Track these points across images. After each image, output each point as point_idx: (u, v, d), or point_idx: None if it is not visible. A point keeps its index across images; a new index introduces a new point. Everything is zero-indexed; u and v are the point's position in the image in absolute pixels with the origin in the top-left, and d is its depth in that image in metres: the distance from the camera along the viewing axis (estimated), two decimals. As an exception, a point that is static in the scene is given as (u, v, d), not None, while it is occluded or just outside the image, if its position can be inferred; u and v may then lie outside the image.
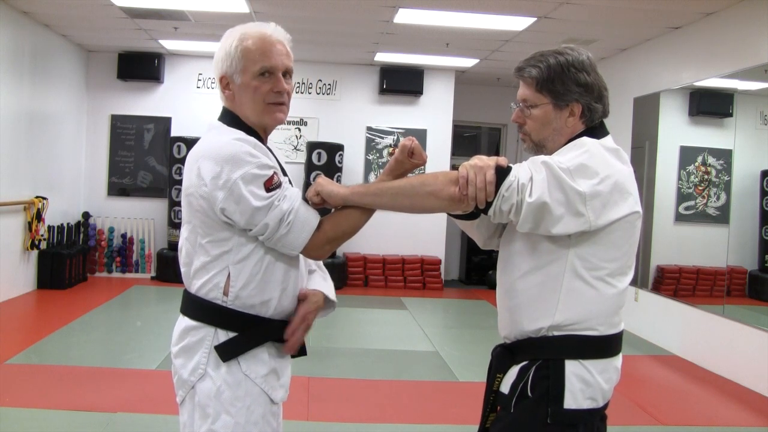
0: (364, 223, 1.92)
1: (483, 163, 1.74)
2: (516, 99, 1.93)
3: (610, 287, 1.82)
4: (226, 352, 1.83)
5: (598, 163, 1.76)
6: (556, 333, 1.81)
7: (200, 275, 1.86)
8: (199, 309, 1.87)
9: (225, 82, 1.90)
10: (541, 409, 1.78)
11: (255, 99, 1.87)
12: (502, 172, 1.73)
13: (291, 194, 1.82)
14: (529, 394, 1.80)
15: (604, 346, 1.84)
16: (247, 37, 1.87)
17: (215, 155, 1.78)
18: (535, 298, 1.82)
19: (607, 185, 1.74)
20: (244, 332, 1.85)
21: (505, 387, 1.86)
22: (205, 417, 1.83)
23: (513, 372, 1.85)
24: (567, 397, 1.77)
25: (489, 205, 1.74)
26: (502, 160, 1.76)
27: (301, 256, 1.92)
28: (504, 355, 1.91)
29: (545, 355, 1.81)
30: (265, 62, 1.85)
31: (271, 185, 1.78)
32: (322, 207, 1.91)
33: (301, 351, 1.99)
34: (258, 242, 1.83)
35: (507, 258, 1.92)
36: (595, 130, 1.89)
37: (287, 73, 1.91)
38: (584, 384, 1.79)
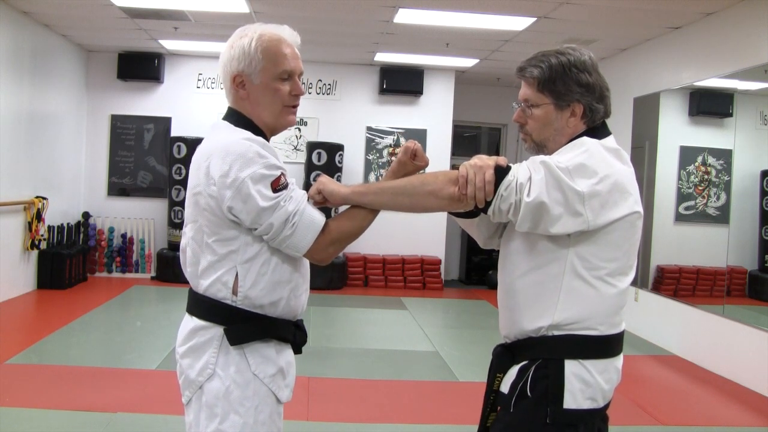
0: (368, 225, 1.92)
1: (483, 162, 1.75)
2: (517, 99, 1.93)
3: (611, 287, 1.81)
4: (236, 337, 1.83)
5: (597, 162, 1.76)
6: (555, 332, 1.80)
7: (208, 274, 1.85)
8: (207, 309, 1.86)
9: (239, 81, 1.88)
10: (541, 409, 1.78)
11: (274, 101, 1.89)
12: (501, 172, 1.74)
13: (297, 196, 1.82)
14: (529, 393, 1.80)
15: (605, 346, 1.84)
16: (267, 38, 1.87)
17: (224, 154, 1.78)
18: (535, 297, 1.82)
19: (606, 185, 1.74)
20: (254, 323, 1.86)
21: (505, 387, 1.86)
22: (213, 417, 1.82)
23: (513, 372, 1.85)
24: (566, 397, 1.77)
25: (488, 204, 1.76)
26: (502, 160, 1.77)
27: None
28: (504, 355, 1.91)
29: (545, 354, 1.81)
30: (286, 65, 1.88)
31: (278, 186, 1.79)
32: (323, 206, 1.92)
33: (298, 349, 2.01)
34: (265, 242, 1.83)
35: (507, 257, 1.92)
36: (597, 130, 1.89)
37: (300, 76, 1.95)
38: (584, 384, 1.79)
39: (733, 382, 5.59)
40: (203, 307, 1.87)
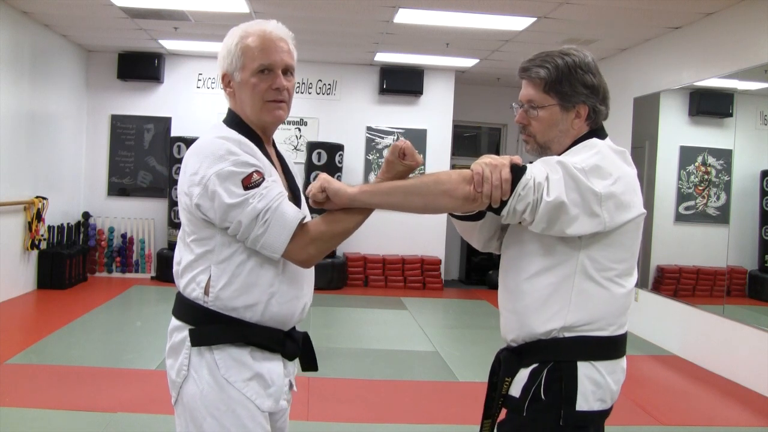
0: (356, 228, 1.84)
1: (497, 161, 1.71)
2: (518, 99, 1.90)
3: (620, 287, 1.82)
4: (198, 338, 1.80)
5: (610, 164, 1.76)
6: (567, 334, 1.79)
7: (185, 274, 1.84)
8: (182, 308, 1.86)
9: (227, 80, 1.89)
10: (554, 412, 1.77)
11: (253, 97, 1.85)
12: (516, 171, 1.70)
13: (270, 193, 1.75)
14: (543, 397, 1.78)
15: (614, 347, 1.84)
16: (248, 35, 1.85)
17: (197, 152, 1.79)
18: (545, 299, 1.80)
19: (620, 186, 1.74)
20: (224, 326, 1.80)
21: (516, 390, 1.83)
22: (193, 419, 1.81)
23: (523, 375, 1.83)
24: (579, 399, 1.77)
25: (503, 204, 1.71)
26: (517, 159, 1.73)
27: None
28: (511, 359, 1.87)
29: (557, 356, 1.79)
30: (263, 59, 1.83)
31: (249, 183, 1.73)
32: (321, 207, 1.84)
33: (313, 365, 1.99)
34: (242, 244, 1.78)
35: (513, 259, 1.90)
36: (598, 131, 1.89)
37: (288, 71, 1.88)
38: (595, 386, 1.79)
39: (733, 382, 5.59)
40: (180, 306, 1.87)
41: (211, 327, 1.80)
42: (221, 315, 1.80)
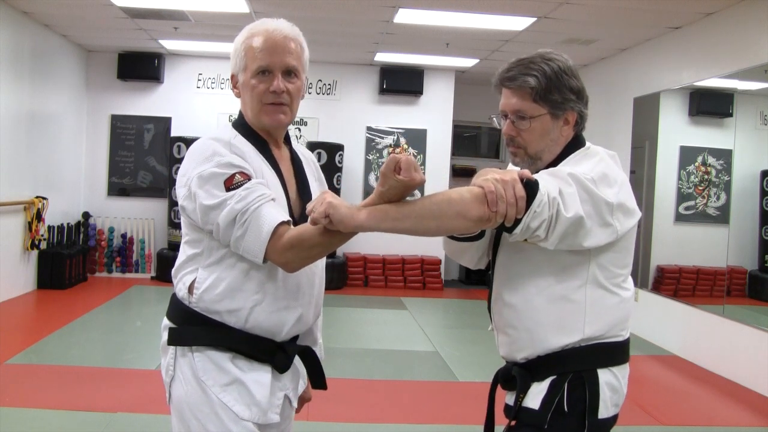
0: (341, 243, 1.68)
1: (507, 176, 1.58)
2: (501, 110, 1.82)
3: (627, 291, 1.82)
4: (175, 338, 1.80)
5: (612, 171, 1.74)
6: (584, 344, 1.77)
7: (177, 274, 1.85)
8: (171, 307, 1.87)
9: (234, 81, 1.87)
10: (577, 422, 1.75)
11: (252, 99, 1.81)
12: (529, 186, 1.59)
13: (251, 195, 1.67)
14: (566, 408, 1.75)
15: (626, 351, 1.84)
16: (253, 35, 1.82)
17: (188, 154, 1.79)
18: (560, 313, 1.76)
19: (624, 193, 1.73)
20: (204, 328, 1.78)
21: (534, 403, 1.77)
22: (181, 420, 1.81)
23: (540, 388, 1.78)
24: (600, 407, 1.75)
25: (516, 222, 1.60)
26: (525, 172, 1.63)
27: (311, 272, 1.83)
28: (525, 375, 1.82)
29: (577, 367, 1.76)
30: (262, 60, 1.78)
31: (231, 184, 1.68)
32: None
33: (321, 383, 2.02)
34: (229, 249, 1.73)
35: (516, 275, 1.82)
36: (580, 137, 1.86)
37: (292, 72, 1.83)
38: (613, 391, 1.78)
39: (733, 382, 5.59)
40: (170, 305, 1.87)
41: (189, 327, 1.79)
42: (203, 317, 1.78)
